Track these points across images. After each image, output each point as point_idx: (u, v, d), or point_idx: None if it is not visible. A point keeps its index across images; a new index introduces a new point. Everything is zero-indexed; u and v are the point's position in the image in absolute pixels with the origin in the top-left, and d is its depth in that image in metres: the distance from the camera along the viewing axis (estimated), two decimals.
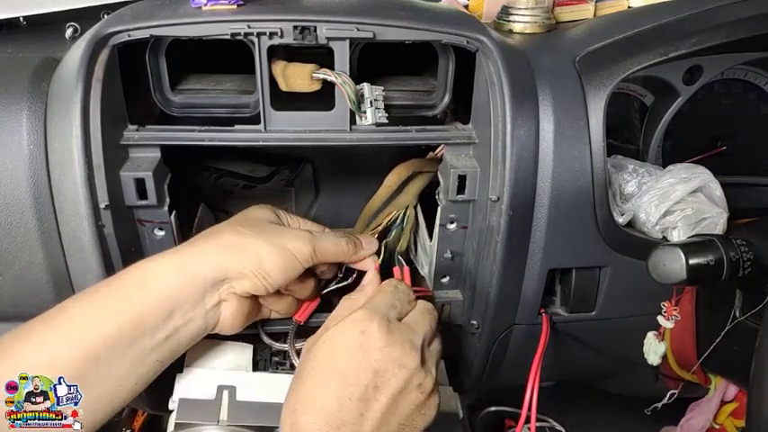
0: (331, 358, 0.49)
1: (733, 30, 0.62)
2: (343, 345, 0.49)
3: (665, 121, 0.75)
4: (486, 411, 1.01)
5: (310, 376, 0.48)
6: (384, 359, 0.48)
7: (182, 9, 0.58)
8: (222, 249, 0.53)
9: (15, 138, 0.55)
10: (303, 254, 0.56)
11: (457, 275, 0.68)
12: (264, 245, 0.54)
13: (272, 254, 0.54)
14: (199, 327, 0.53)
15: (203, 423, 0.55)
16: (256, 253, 0.53)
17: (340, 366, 0.48)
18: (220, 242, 0.54)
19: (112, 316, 0.48)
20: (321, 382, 0.47)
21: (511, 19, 0.75)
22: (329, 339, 0.50)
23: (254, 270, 0.53)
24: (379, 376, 0.48)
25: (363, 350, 0.48)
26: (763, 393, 0.49)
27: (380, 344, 0.49)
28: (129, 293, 0.50)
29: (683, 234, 0.62)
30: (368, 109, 0.61)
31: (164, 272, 0.51)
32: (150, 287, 0.50)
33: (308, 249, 0.56)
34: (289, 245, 0.55)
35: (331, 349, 0.49)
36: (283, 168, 0.82)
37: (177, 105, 0.66)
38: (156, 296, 0.50)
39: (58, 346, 0.47)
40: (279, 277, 0.54)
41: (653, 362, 0.71)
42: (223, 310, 0.54)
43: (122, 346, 0.48)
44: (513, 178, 0.58)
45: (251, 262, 0.53)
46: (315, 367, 0.49)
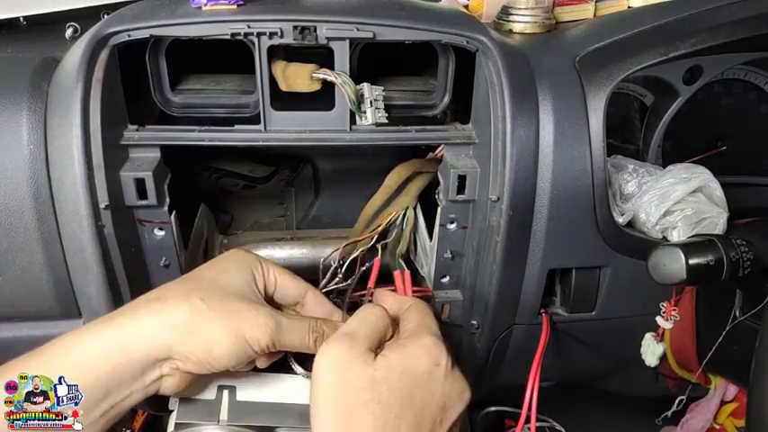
0: (406, 388, 0.46)
1: (733, 30, 0.62)
2: (417, 376, 0.47)
3: (665, 121, 0.75)
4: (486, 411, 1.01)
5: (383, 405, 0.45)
6: (452, 392, 0.48)
7: (182, 9, 0.58)
8: (170, 328, 0.48)
9: (15, 138, 0.55)
10: (260, 345, 0.50)
11: (457, 275, 0.68)
12: (219, 329, 0.49)
13: (226, 341, 0.49)
14: (137, 399, 0.49)
15: (203, 423, 0.54)
16: (207, 337, 0.48)
17: (417, 399, 0.46)
18: (170, 318, 0.48)
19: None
20: (398, 414, 0.45)
21: (511, 19, 0.75)
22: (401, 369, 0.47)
23: (201, 356, 0.49)
24: (445, 411, 0.47)
25: (436, 383, 0.47)
26: (763, 393, 0.49)
27: (450, 378, 0.48)
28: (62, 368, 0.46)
29: (683, 234, 0.62)
30: (368, 109, 0.61)
31: (101, 352, 0.47)
32: (86, 368, 0.46)
33: (267, 341, 0.50)
34: (247, 333, 0.49)
35: (406, 379, 0.47)
36: (283, 168, 0.82)
37: (177, 105, 0.66)
38: (91, 379, 0.46)
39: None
40: (227, 363, 0.50)
41: (650, 363, 0.71)
42: (164, 382, 0.50)
43: None
44: (513, 178, 0.58)
45: (199, 347, 0.48)
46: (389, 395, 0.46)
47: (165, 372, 0.49)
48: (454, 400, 0.48)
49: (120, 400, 0.48)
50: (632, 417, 0.84)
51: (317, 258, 0.74)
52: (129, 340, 0.47)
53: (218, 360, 0.49)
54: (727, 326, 0.64)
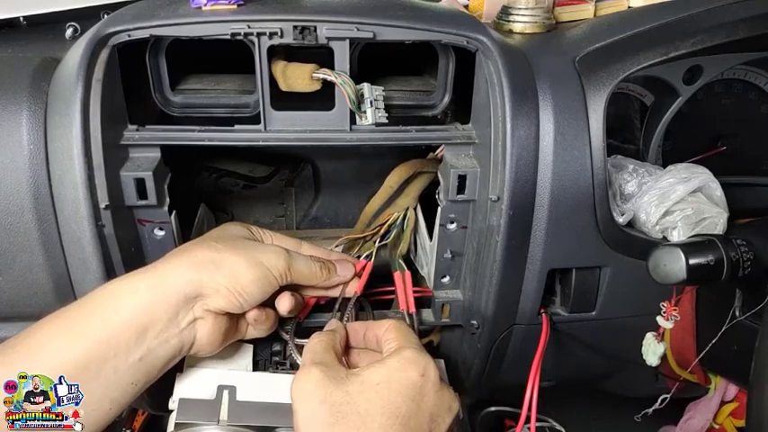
0: (389, 400, 0.46)
1: (733, 30, 0.62)
2: (403, 387, 0.47)
3: (665, 121, 0.75)
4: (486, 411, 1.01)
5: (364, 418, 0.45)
6: (439, 403, 0.48)
7: (182, 9, 0.58)
8: (196, 265, 0.52)
9: (15, 138, 0.55)
10: (279, 269, 0.54)
11: (457, 275, 0.68)
12: (240, 260, 0.53)
13: (248, 269, 0.53)
14: (174, 347, 0.51)
15: (203, 423, 0.54)
16: (232, 268, 0.52)
17: (402, 410, 0.46)
18: (194, 258, 0.52)
19: (81, 339, 0.47)
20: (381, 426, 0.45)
21: (511, 19, 0.75)
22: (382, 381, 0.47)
23: (230, 286, 0.52)
24: (434, 421, 0.47)
25: (422, 394, 0.47)
26: (763, 393, 0.49)
27: (436, 387, 0.48)
28: (97, 315, 0.48)
29: (683, 234, 0.62)
30: (368, 109, 0.61)
31: (134, 291, 0.49)
32: (120, 307, 0.48)
33: (284, 265, 0.55)
34: (264, 260, 0.54)
35: (388, 390, 0.46)
36: (283, 168, 0.82)
37: (177, 105, 0.66)
38: (126, 316, 0.48)
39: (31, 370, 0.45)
40: (255, 293, 0.53)
41: (651, 363, 0.71)
42: (199, 328, 0.52)
43: (93, 369, 0.47)
44: (513, 178, 0.58)
45: (226, 278, 0.52)
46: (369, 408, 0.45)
47: (197, 314, 0.52)
48: (442, 410, 0.48)
49: (156, 345, 0.49)
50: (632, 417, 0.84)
51: None
52: (159, 279, 0.50)
53: (246, 288, 0.52)
54: (727, 326, 0.64)
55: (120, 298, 0.49)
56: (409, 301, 0.63)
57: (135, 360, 0.48)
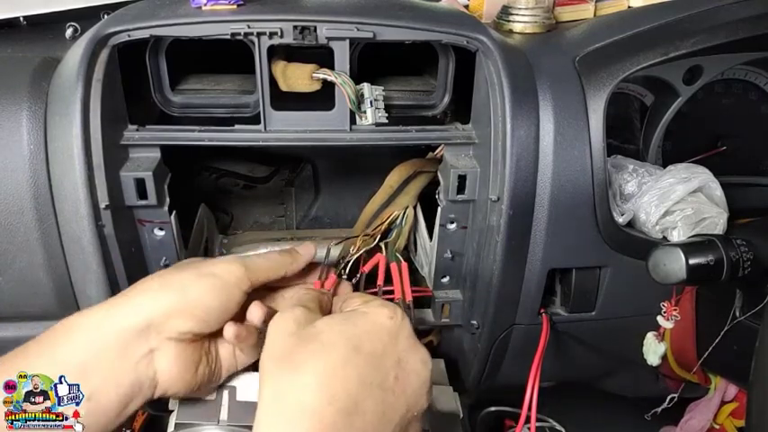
0: (354, 335, 0.44)
1: (733, 30, 0.62)
2: (369, 325, 0.45)
3: (665, 121, 0.75)
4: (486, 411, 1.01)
5: (325, 348, 0.43)
6: (410, 350, 0.45)
7: (182, 9, 0.58)
8: (140, 293, 0.49)
9: (15, 138, 0.55)
10: (234, 274, 0.50)
11: (457, 275, 0.68)
12: (186, 276, 0.49)
13: (198, 282, 0.49)
14: (128, 385, 0.46)
15: (203, 423, 0.54)
16: (180, 286, 0.48)
17: (364, 346, 0.43)
18: (138, 287, 0.49)
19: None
20: (340, 357, 0.42)
21: (511, 19, 0.75)
22: (350, 319, 0.46)
23: (181, 305, 0.47)
24: (401, 367, 0.44)
25: (390, 337, 0.45)
26: (763, 393, 0.49)
27: (407, 333, 0.46)
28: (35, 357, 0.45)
29: (683, 234, 0.62)
30: (368, 109, 0.61)
31: (73, 331, 0.46)
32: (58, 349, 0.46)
33: (238, 269, 0.51)
34: (215, 270, 0.50)
35: (354, 326, 0.45)
36: (283, 168, 0.82)
37: (177, 105, 0.66)
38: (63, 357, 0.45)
39: None
40: (212, 306, 0.49)
41: (652, 362, 0.71)
42: (159, 360, 0.48)
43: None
44: (513, 178, 0.58)
45: (175, 297, 0.48)
46: (332, 339, 0.43)
47: (153, 344, 0.47)
48: (411, 356, 0.45)
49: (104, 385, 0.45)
50: (632, 417, 0.84)
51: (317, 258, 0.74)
52: (106, 316, 0.47)
53: (199, 302, 0.48)
54: (727, 326, 0.64)
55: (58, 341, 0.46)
56: (405, 291, 0.62)
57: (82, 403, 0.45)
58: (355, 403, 0.41)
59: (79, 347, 0.46)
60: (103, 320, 0.47)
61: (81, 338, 0.46)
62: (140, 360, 0.47)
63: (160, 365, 0.48)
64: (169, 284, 0.49)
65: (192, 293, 0.48)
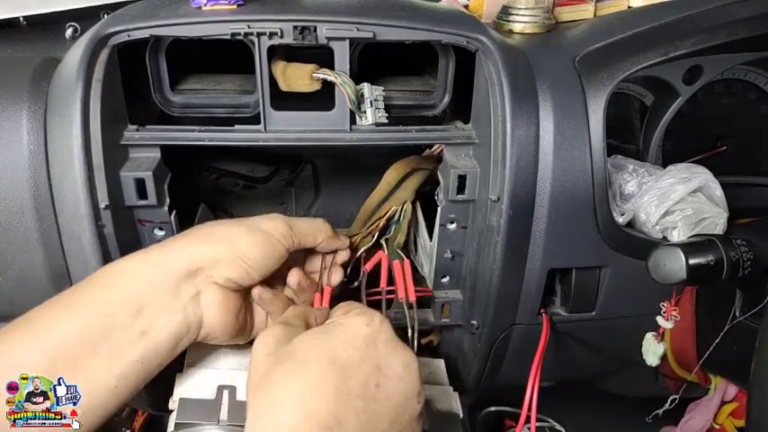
0: (328, 347, 0.44)
1: (733, 30, 0.62)
2: (344, 335, 0.45)
3: (665, 121, 0.75)
4: (486, 411, 1.01)
5: (302, 365, 0.43)
6: (389, 355, 0.45)
7: (182, 9, 0.58)
8: (193, 240, 0.52)
9: (15, 138, 0.55)
10: (279, 231, 0.54)
11: (457, 275, 0.68)
12: (236, 227, 0.53)
13: (247, 235, 0.52)
14: (179, 323, 0.49)
15: (203, 423, 0.54)
16: (228, 236, 0.52)
17: (341, 357, 0.43)
18: (190, 235, 0.53)
19: (78, 314, 0.46)
20: (317, 371, 0.42)
21: (511, 19, 0.75)
22: (326, 333, 0.46)
23: (229, 253, 0.51)
24: (381, 373, 0.44)
25: (368, 344, 0.45)
26: (763, 393, 0.49)
27: (385, 338, 0.46)
28: (95, 291, 0.48)
29: (683, 234, 0.62)
30: (368, 109, 0.61)
31: (133, 267, 0.49)
32: (118, 283, 0.48)
33: (284, 227, 0.54)
34: (263, 225, 0.54)
35: (329, 339, 0.45)
36: (283, 168, 0.82)
37: (177, 105, 0.66)
38: (123, 291, 0.48)
39: (29, 349, 0.45)
40: (257, 258, 0.52)
41: (651, 363, 0.71)
42: (204, 302, 0.51)
43: (90, 344, 0.46)
44: (513, 178, 0.58)
45: (225, 246, 0.51)
46: (308, 355, 0.44)
47: (201, 287, 0.50)
48: (392, 361, 0.45)
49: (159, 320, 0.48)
50: (632, 417, 0.84)
51: None
52: (159, 256, 0.50)
53: (247, 254, 0.51)
54: (727, 326, 0.64)
55: (118, 276, 0.49)
56: (409, 289, 0.62)
57: (136, 335, 0.47)
58: (334, 416, 0.41)
59: (133, 286, 0.48)
60: (154, 263, 0.50)
61: (134, 279, 0.49)
62: (189, 301, 0.50)
63: (206, 308, 0.51)
64: (217, 235, 0.52)
65: (239, 245, 0.51)
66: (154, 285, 0.49)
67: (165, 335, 0.49)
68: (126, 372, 0.47)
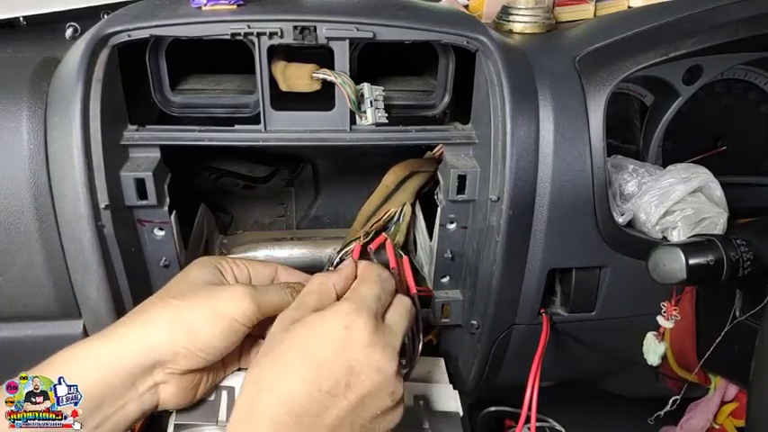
0: (308, 345, 0.47)
1: (733, 30, 0.62)
2: (323, 334, 0.47)
3: (665, 121, 0.75)
4: (486, 411, 1.01)
5: (282, 357, 0.47)
6: (363, 359, 0.47)
7: (182, 9, 0.58)
8: (150, 330, 0.49)
9: (15, 138, 0.55)
10: (244, 314, 0.51)
11: (457, 275, 0.68)
12: (197, 315, 0.50)
13: (208, 324, 0.49)
14: (134, 411, 0.49)
15: (203, 423, 0.54)
16: (190, 327, 0.49)
17: (316, 355, 0.46)
18: (148, 322, 0.50)
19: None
20: (292, 366, 0.46)
21: (511, 19, 0.75)
22: (309, 324, 0.48)
23: (189, 346, 0.49)
24: (354, 375, 0.46)
25: (344, 345, 0.47)
26: (763, 393, 0.49)
27: (362, 343, 0.47)
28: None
29: (683, 234, 0.62)
30: (368, 109, 0.61)
31: (89, 363, 0.48)
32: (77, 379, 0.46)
33: (249, 308, 0.51)
34: (227, 309, 0.50)
35: (309, 335, 0.47)
36: (283, 168, 0.82)
37: (177, 105, 0.66)
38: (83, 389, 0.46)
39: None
40: (218, 347, 0.50)
41: (652, 362, 0.71)
42: (162, 390, 0.50)
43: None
44: (513, 178, 0.58)
45: (184, 338, 0.49)
46: (289, 349, 0.47)
47: (158, 379, 0.50)
48: (365, 365, 0.47)
49: (113, 412, 0.48)
50: (632, 417, 0.84)
51: (316, 258, 0.74)
52: (114, 350, 0.48)
53: (207, 344, 0.50)
54: (727, 326, 0.64)
55: (76, 371, 0.47)
56: (410, 283, 0.62)
57: (91, 428, 0.47)
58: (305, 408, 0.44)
59: (88, 385, 0.47)
60: (112, 360, 0.48)
61: (89, 377, 0.47)
62: (146, 392, 0.49)
63: (163, 394, 0.51)
64: (177, 325, 0.49)
65: (201, 337, 0.49)
66: (109, 382, 0.47)
67: (120, 425, 0.49)
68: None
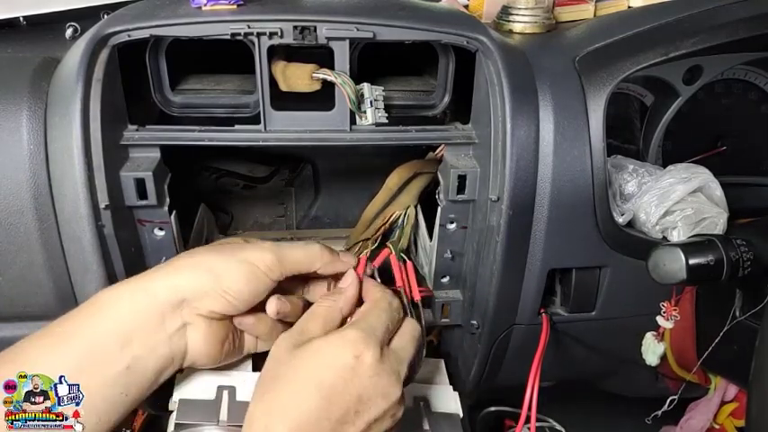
0: (317, 372, 0.47)
1: (733, 30, 0.62)
2: (332, 363, 0.47)
3: (665, 121, 0.75)
4: (486, 411, 1.01)
5: (292, 383, 0.47)
6: (371, 387, 0.47)
7: (182, 9, 0.58)
8: (177, 270, 0.51)
9: (15, 138, 0.55)
10: (266, 263, 0.52)
11: (457, 275, 0.68)
12: (221, 259, 0.51)
13: (231, 267, 0.51)
14: (163, 355, 0.50)
15: (203, 423, 0.54)
16: (213, 269, 0.51)
17: (326, 383, 0.46)
18: (175, 265, 0.52)
19: (63, 349, 0.46)
20: (303, 394, 0.46)
21: (511, 19, 0.75)
22: (318, 352, 0.48)
23: (214, 287, 0.50)
24: (362, 403, 0.47)
25: (353, 374, 0.47)
26: (763, 393, 0.49)
27: (371, 372, 0.48)
28: (79, 326, 0.48)
29: (683, 234, 0.62)
30: (368, 109, 0.61)
31: (117, 300, 0.49)
32: (102, 316, 0.48)
33: (271, 259, 0.52)
34: (249, 256, 0.52)
35: (319, 363, 0.48)
36: (283, 168, 0.82)
37: (177, 105, 0.66)
38: (108, 326, 0.47)
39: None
40: (243, 291, 0.51)
41: (651, 362, 0.71)
42: (190, 334, 0.51)
43: (76, 379, 0.46)
44: (513, 178, 0.58)
45: (209, 279, 0.50)
46: (298, 375, 0.47)
47: (186, 318, 0.50)
48: (373, 393, 0.47)
49: (144, 354, 0.48)
50: (632, 417, 0.84)
51: None
52: (142, 287, 0.50)
53: (231, 287, 0.51)
54: (727, 326, 0.64)
55: (103, 309, 0.49)
56: (413, 290, 0.62)
57: (121, 369, 0.47)
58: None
59: (119, 319, 0.48)
60: (141, 294, 0.49)
61: (120, 310, 0.48)
62: (174, 333, 0.50)
63: (191, 339, 0.51)
64: (201, 267, 0.51)
65: (224, 278, 0.51)
66: (139, 317, 0.48)
67: (150, 368, 0.49)
68: (110, 405, 0.48)
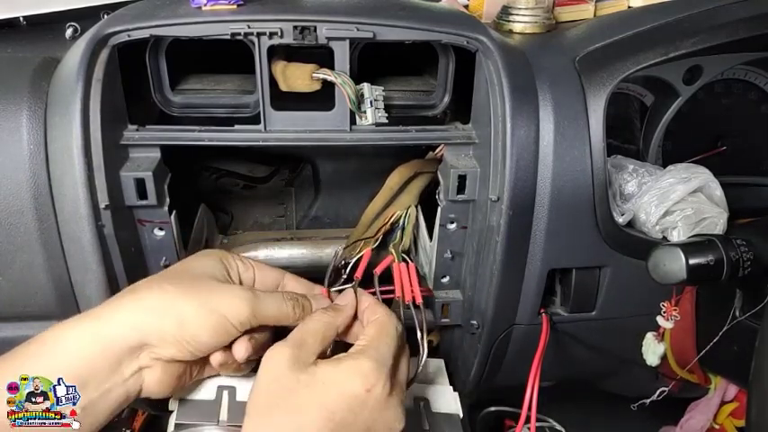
0: (327, 402, 0.46)
1: (733, 30, 0.62)
2: (343, 392, 0.47)
3: (665, 121, 0.75)
4: (486, 411, 1.01)
5: (299, 412, 0.46)
6: (380, 420, 0.48)
7: (182, 9, 0.58)
8: (140, 312, 0.48)
9: (15, 138, 0.55)
10: (238, 318, 0.50)
11: (457, 275, 0.68)
12: (191, 307, 0.48)
13: (200, 316, 0.48)
14: (117, 397, 0.48)
15: (203, 423, 0.54)
16: (180, 315, 0.48)
17: (336, 416, 0.46)
18: (140, 303, 0.49)
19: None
20: (313, 423, 0.45)
21: (511, 19, 0.75)
22: (329, 380, 0.47)
23: (177, 335, 0.48)
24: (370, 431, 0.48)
25: (363, 407, 0.47)
26: (763, 393, 0.49)
27: (380, 406, 0.48)
28: (38, 363, 0.46)
29: (683, 234, 0.62)
30: (368, 109, 0.61)
31: (76, 340, 0.47)
32: (60, 357, 0.46)
33: (245, 312, 0.50)
34: (221, 307, 0.49)
35: (329, 392, 0.47)
36: (283, 168, 0.82)
37: (177, 105, 0.66)
38: (65, 367, 0.46)
39: None
40: (207, 342, 0.49)
41: (651, 362, 0.71)
42: (146, 376, 0.49)
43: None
44: (513, 178, 0.58)
45: (173, 325, 0.48)
46: (305, 403, 0.46)
47: (143, 363, 0.49)
48: (380, 426, 0.48)
49: (97, 397, 0.47)
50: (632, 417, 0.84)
51: (317, 258, 0.74)
52: (102, 329, 0.47)
53: (195, 338, 0.48)
54: (727, 326, 0.64)
55: (63, 348, 0.47)
56: (415, 292, 0.62)
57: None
58: None
59: (74, 359, 0.46)
60: (98, 334, 0.47)
61: (75, 351, 0.47)
62: (130, 376, 0.49)
63: (147, 379, 0.50)
64: (168, 312, 0.48)
65: (189, 327, 0.48)
66: (96, 359, 0.47)
67: (103, 410, 0.48)
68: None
